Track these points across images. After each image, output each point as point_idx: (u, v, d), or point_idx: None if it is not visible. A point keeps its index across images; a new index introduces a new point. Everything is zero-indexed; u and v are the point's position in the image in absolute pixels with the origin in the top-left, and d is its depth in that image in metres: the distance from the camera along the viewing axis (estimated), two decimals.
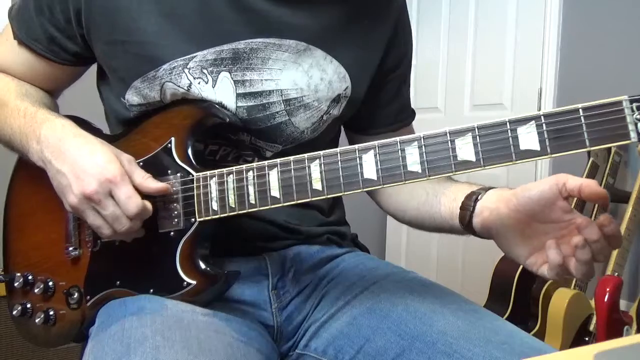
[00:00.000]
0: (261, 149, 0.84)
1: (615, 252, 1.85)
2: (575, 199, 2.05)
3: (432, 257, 3.02)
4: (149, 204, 0.73)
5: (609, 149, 2.06)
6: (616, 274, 1.82)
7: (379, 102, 0.92)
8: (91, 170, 0.71)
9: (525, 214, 0.67)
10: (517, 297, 1.99)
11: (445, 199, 0.81)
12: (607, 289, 1.71)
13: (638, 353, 0.48)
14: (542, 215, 0.66)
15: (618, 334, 1.75)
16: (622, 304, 1.90)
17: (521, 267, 2.00)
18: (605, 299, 1.70)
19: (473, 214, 0.74)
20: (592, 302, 1.84)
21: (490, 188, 0.76)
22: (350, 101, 0.86)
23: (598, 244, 0.62)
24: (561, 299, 1.86)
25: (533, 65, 2.52)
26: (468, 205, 0.74)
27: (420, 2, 3.10)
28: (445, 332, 0.73)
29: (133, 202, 0.71)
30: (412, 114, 0.99)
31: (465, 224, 0.75)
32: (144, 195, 0.74)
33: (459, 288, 2.69)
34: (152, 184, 0.74)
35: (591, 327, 1.86)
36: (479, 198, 0.74)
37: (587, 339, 1.86)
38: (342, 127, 0.98)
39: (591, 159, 2.03)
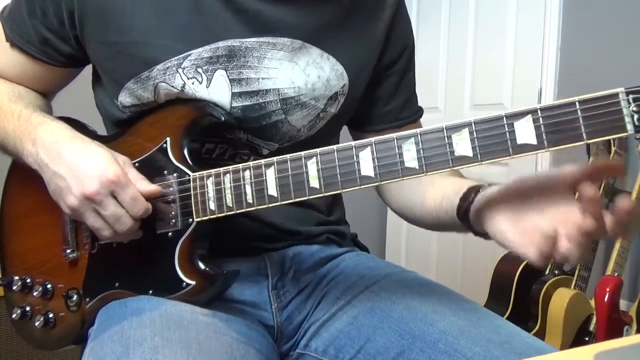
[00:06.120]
0: (258, 146, 0.83)
1: (615, 252, 1.85)
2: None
3: (432, 257, 3.02)
4: (150, 205, 0.74)
5: (609, 148, 2.05)
6: (616, 274, 1.82)
7: (380, 98, 0.91)
8: (91, 171, 0.71)
9: (518, 187, 0.66)
10: (517, 297, 1.99)
11: (450, 192, 0.78)
12: (607, 289, 1.71)
13: (638, 353, 0.48)
14: (539, 194, 0.64)
15: (618, 334, 1.75)
16: (622, 304, 1.90)
17: (521, 267, 2.00)
18: (605, 299, 1.70)
19: (471, 206, 0.71)
20: (592, 302, 1.84)
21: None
22: (348, 98, 0.85)
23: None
24: (561, 299, 1.86)
25: (533, 65, 2.52)
26: (468, 196, 0.73)
27: (420, 2, 3.10)
28: (446, 332, 0.72)
29: (139, 203, 0.72)
30: (418, 110, 0.96)
31: (461, 215, 0.73)
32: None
33: (459, 288, 2.68)
34: (145, 186, 0.74)
35: (591, 327, 1.86)
36: (480, 190, 0.72)
37: (587, 339, 1.86)
38: (344, 126, 0.96)
39: (591, 159, 2.03)
